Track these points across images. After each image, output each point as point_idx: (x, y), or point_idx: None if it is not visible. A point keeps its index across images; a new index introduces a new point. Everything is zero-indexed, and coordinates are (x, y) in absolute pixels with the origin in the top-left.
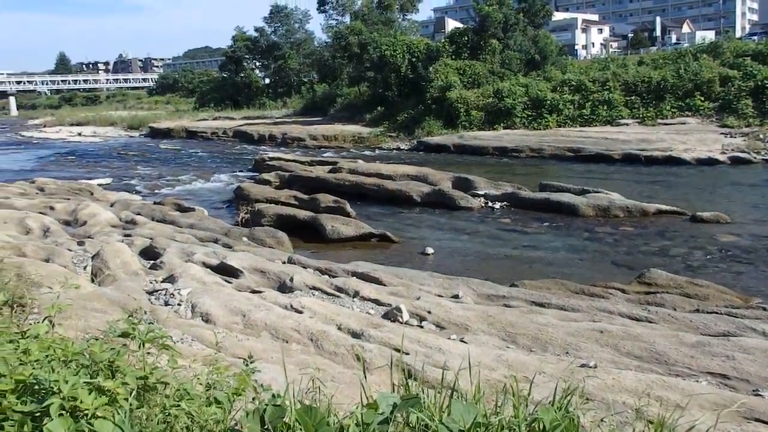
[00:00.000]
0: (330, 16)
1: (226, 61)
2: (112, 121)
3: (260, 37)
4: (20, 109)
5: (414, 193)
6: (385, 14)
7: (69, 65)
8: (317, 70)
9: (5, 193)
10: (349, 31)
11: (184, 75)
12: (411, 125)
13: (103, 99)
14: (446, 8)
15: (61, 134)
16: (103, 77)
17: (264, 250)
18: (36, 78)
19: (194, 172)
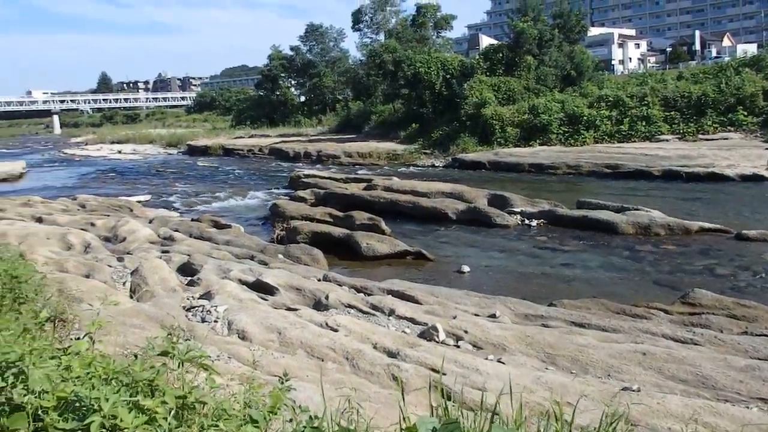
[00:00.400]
0: (364, 35)
1: (262, 80)
2: (152, 138)
3: (296, 56)
4: (63, 127)
5: (449, 211)
6: (419, 32)
7: (110, 84)
8: (352, 88)
9: (48, 209)
10: (383, 49)
11: (221, 93)
12: (445, 142)
13: (142, 117)
14: (480, 25)
15: (102, 152)
16: (143, 96)
17: (299, 267)
18: (78, 97)
19: (231, 189)
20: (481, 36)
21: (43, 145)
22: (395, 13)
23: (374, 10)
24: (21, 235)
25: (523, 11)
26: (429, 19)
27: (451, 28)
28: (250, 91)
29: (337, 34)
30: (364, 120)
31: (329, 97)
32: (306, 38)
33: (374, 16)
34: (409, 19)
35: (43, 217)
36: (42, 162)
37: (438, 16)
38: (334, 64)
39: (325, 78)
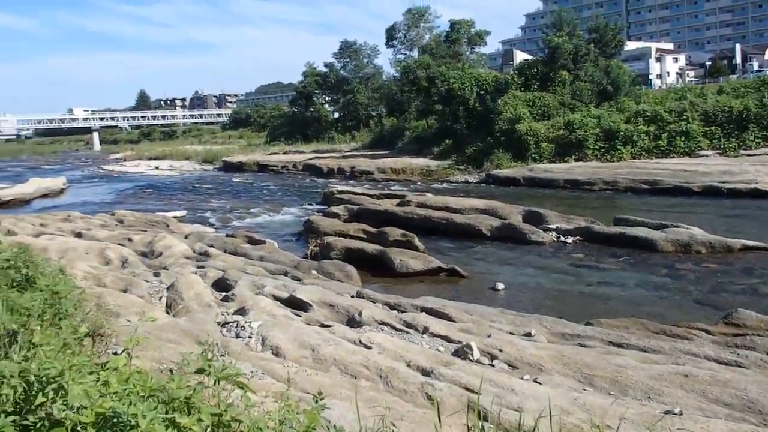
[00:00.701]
0: (398, 51)
1: (296, 96)
2: (188, 155)
3: (330, 73)
4: (103, 143)
5: (483, 227)
6: (453, 48)
7: (148, 102)
8: (385, 104)
9: (88, 224)
10: (417, 65)
11: (256, 110)
12: (479, 158)
13: (179, 134)
14: (514, 40)
15: (140, 168)
16: (180, 113)
17: (333, 283)
18: (118, 114)
19: (265, 205)
20: (516, 51)
21: (83, 162)
22: (429, 30)
23: (408, 27)
24: (61, 250)
25: (558, 26)
26: (463, 35)
27: (485, 44)
28: (285, 107)
29: (371, 51)
30: (398, 136)
31: (363, 114)
32: (340, 55)
33: (408, 32)
34: (443, 35)
35: (82, 232)
36: (82, 178)
37: (472, 32)
38: (368, 81)
39: (359, 94)
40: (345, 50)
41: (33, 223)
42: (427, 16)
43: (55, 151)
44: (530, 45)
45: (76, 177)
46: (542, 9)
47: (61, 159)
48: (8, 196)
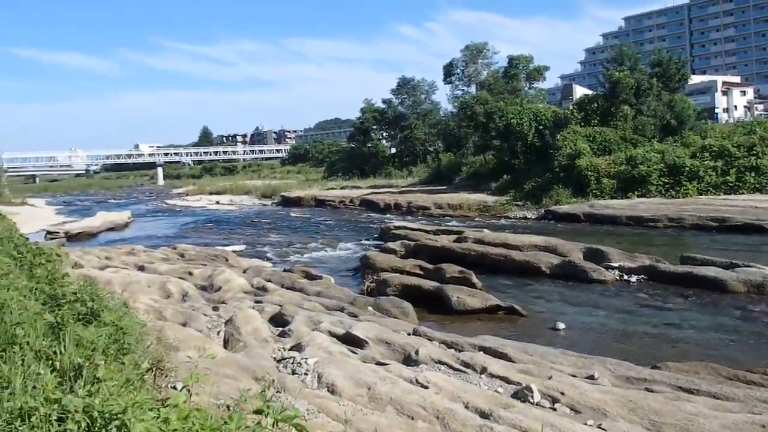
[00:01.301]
0: (456, 87)
1: (354, 132)
2: (248, 190)
3: (388, 109)
4: (166, 178)
5: (543, 265)
6: (511, 83)
7: (211, 138)
8: (443, 140)
9: (150, 258)
10: (475, 101)
11: (314, 146)
12: (538, 194)
13: (240, 169)
14: (574, 75)
15: (201, 202)
16: (240, 149)
17: (389, 320)
18: (181, 150)
19: (322, 240)
20: (575, 86)
21: (147, 196)
22: (487, 66)
23: (466, 63)
24: (125, 283)
25: (619, 61)
26: (521, 71)
27: (544, 79)
28: (343, 143)
29: (429, 87)
30: (455, 171)
31: (420, 149)
32: (398, 91)
33: (466, 68)
34: (501, 70)
35: (145, 266)
36: (146, 212)
37: (530, 68)
38: (426, 117)
39: (416, 130)
40: (403, 86)
41: (99, 256)
42: (485, 53)
43: (122, 186)
44: (590, 80)
45: (141, 211)
46: (602, 44)
47: (127, 193)
48: (77, 229)
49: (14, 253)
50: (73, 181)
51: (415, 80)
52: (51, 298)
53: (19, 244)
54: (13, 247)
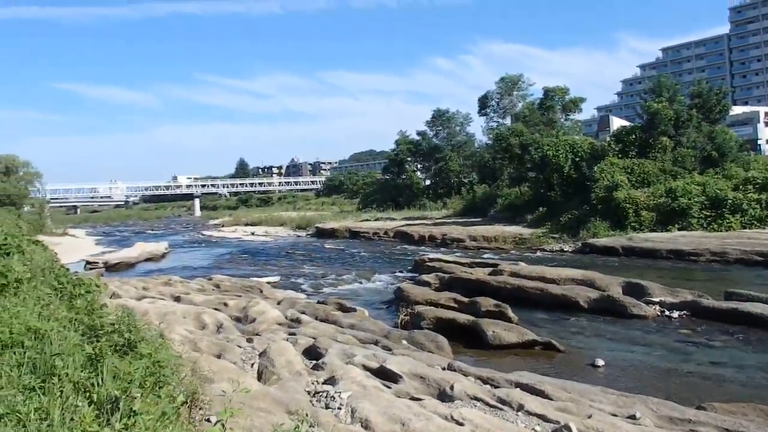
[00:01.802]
0: (491, 119)
1: (389, 164)
2: (282, 221)
3: (422, 140)
4: (203, 209)
5: (580, 299)
6: (546, 115)
7: (247, 169)
8: (477, 171)
9: (186, 288)
10: (510, 133)
11: (348, 177)
12: (575, 226)
13: (275, 200)
14: (610, 106)
15: (237, 233)
16: (276, 180)
17: (423, 354)
18: (218, 182)
19: (356, 272)
20: (612, 117)
21: (184, 227)
22: (522, 98)
23: (501, 95)
24: (161, 314)
25: (657, 92)
26: (557, 103)
27: (580, 111)
28: (377, 175)
29: (464, 119)
30: (490, 203)
31: (454, 181)
32: (432, 123)
33: (501, 100)
34: (537, 102)
35: (181, 296)
36: (182, 243)
37: (566, 99)
38: (460, 148)
39: (451, 162)
40: (437, 118)
41: (136, 287)
42: (520, 84)
43: (160, 217)
44: (627, 111)
45: (178, 242)
46: (639, 75)
47: (165, 224)
48: (115, 259)
49: (55, 283)
50: (113, 212)
51: (449, 112)
52: (90, 329)
53: (59, 275)
54: (54, 278)
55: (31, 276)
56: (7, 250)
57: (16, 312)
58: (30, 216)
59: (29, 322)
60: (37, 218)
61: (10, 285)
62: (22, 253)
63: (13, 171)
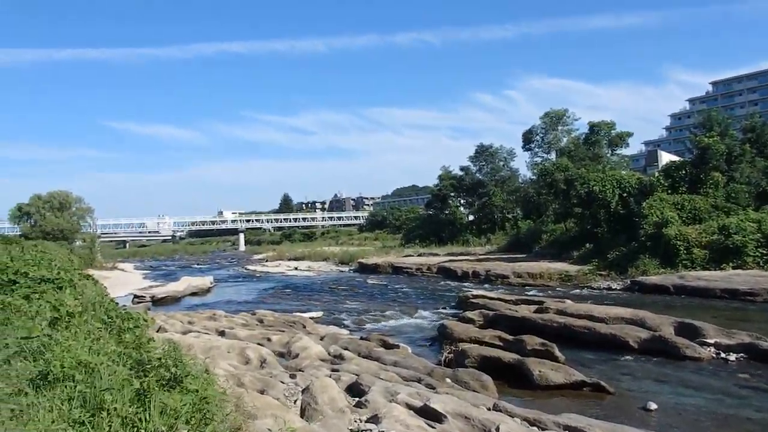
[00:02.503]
0: (535, 154)
1: (432, 199)
2: (326, 256)
3: (465, 176)
4: (248, 244)
5: (630, 339)
6: (592, 150)
7: (291, 205)
8: (521, 207)
9: (231, 323)
10: (555, 168)
11: (391, 212)
12: (623, 263)
13: (318, 235)
14: (659, 141)
15: (280, 268)
16: (319, 215)
17: (468, 393)
18: (262, 217)
19: (399, 308)
20: (660, 152)
21: (228, 261)
22: (567, 132)
23: (545, 130)
24: (205, 348)
25: (707, 126)
26: (603, 137)
27: (627, 146)
28: (420, 210)
29: (507, 154)
30: (535, 239)
31: (498, 216)
32: (476, 158)
33: (545, 135)
34: (582, 137)
35: (225, 331)
36: (227, 277)
37: (613, 134)
38: (504, 183)
39: (495, 197)
40: (481, 153)
41: (182, 321)
42: (565, 119)
43: (205, 251)
44: (676, 146)
45: (223, 276)
46: (689, 109)
47: (210, 259)
48: (162, 293)
49: (105, 317)
50: (160, 246)
51: (493, 147)
52: (138, 363)
53: (109, 309)
54: (104, 312)
55: (83, 310)
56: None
57: (67, 346)
58: (81, 250)
59: (80, 356)
60: (89, 252)
61: (63, 319)
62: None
63: (66, 207)
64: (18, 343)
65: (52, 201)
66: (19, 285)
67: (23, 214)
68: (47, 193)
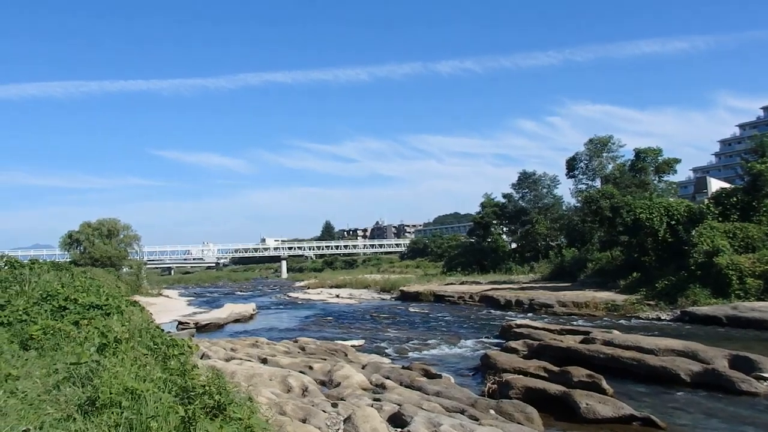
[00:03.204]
0: (579, 181)
1: (474, 227)
2: (367, 284)
3: (508, 203)
4: (289, 271)
5: (681, 372)
6: (638, 177)
7: (333, 232)
8: (566, 235)
9: (273, 350)
10: (600, 195)
11: (433, 240)
12: (672, 293)
13: (359, 263)
14: (708, 167)
15: (322, 296)
16: (360, 243)
17: (512, 425)
18: (304, 244)
19: (441, 337)
20: (709, 179)
21: (271, 289)
22: (612, 159)
23: (590, 157)
24: (248, 376)
25: (759, 152)
26: (649, 164)
27: (675, 172)
28: (462, 237)
29: (551, 181)
30: (579, 268)
31: (541, 244)
32: (519, 185)
33: (590, 162)
34: (627, 164)
35: (267, 358)
36: (270, 304)
37: (659, 161)
38: (547, 211)
39: (538, 225)
40: (524, 180)
41: (225, 348)
42: (610, 146)
43: (248, 278)
44: (726, 172)
45: (265, 303)
46: (739, 134)
47: (252, 286)
48: (206, 320)
49: (151, 344)
50: (204, 273)
51: (536, 174)
52: (182, 390)
53: (155, 336)
54: (150, 339)
55: (129, 336)
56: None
57: (115, 372)
58: (128, 277)
59: (127, 383)
60: (135, 279)
61: (110, 345)
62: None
63: (114, 234)
64: (67, 369)
65: (101, 228)
66: (69, 311)
67: (73, 241)
68: (96, 221)
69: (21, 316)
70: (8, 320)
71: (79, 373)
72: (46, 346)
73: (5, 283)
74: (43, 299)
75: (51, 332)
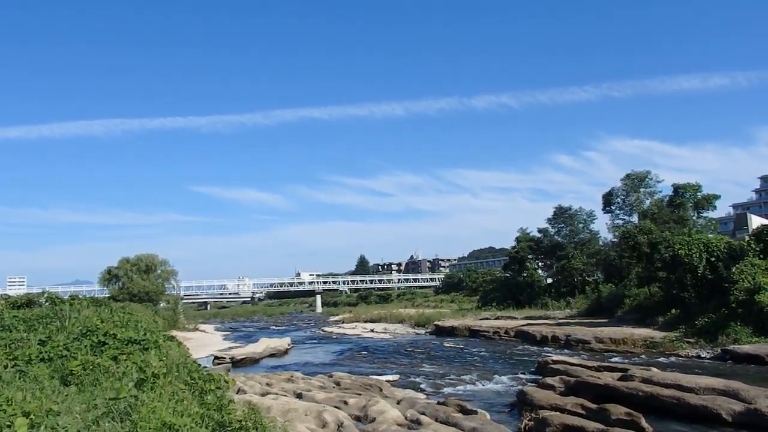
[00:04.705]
0: (616, 216)
1: (509, 261)
2: (401, 318)
3: (543, 238)
4: (324, 306)
5: (723, 411)
6: (677, 212)
7: (367, 266)
8: (602, 270)
9: (308, 385)
10: (637, 230)
11: (468, 274)
12: (712, 331)
13: (394, 297)
14: (748, 204)
15: (356, 330)
16: (395, 277)
17: None
18: (339, 279)
19: (476, 372)
20: (750, 216)
21: (306, 323)
22: (650, 194)
23: (627, 192)
24: (283, 410)
25: None
26: (688, 200)
27: (714, 208)
28: (497, 272)
29: (587, 216)
30: (617, 304)
31: (578, 279)
32: (554, 220)
33: (627, 197)
34: (666, 199)
35: (302, 393)
36: (304, 338)
37: (698, 196)
38: (584, 246)
39: (574, 260)
40: (559, 215)
41: (260, 382)
42: (648, 181)
43: (283, 313)
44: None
45: (300, 337)
46: None
47: (288, 320)
48: (241, 355)
49: (188, 378)
50: (240, 308)
51: (572, 209)
52: (219, 425)
53: (192, 370)
54: (187, 373)
55: (167, 371)
56: (145, 346)
57: (153, 407)
58: (165, 311)
59: (165, 417)
60: (172, 314)
61: (148, 380)
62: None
63: (152, 269)
64: (106, 404)
65: (139, 264)
66: (108, 346)
67: (112, 276)
68: (135, 257)
69: (61, 351)
70: (49, 356)
71: (118, 408)
72: (85, 381)
73: (46, 319)
74: (83, 335)
75: (90, 367)
